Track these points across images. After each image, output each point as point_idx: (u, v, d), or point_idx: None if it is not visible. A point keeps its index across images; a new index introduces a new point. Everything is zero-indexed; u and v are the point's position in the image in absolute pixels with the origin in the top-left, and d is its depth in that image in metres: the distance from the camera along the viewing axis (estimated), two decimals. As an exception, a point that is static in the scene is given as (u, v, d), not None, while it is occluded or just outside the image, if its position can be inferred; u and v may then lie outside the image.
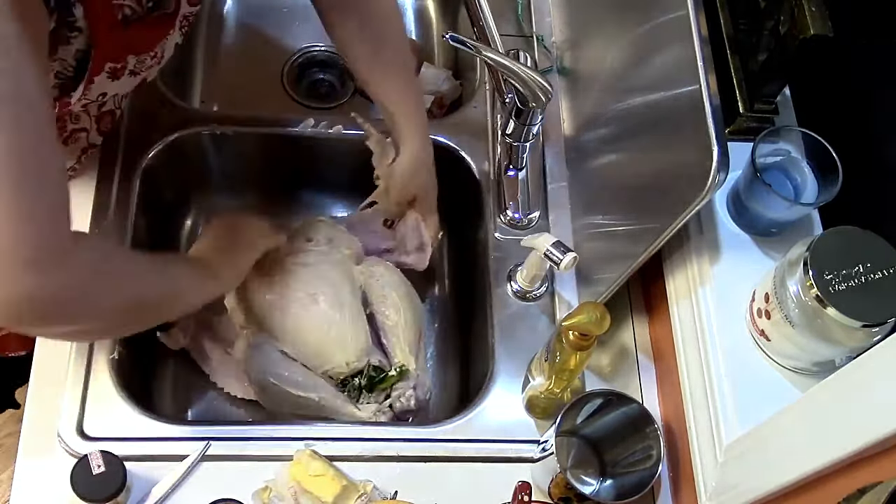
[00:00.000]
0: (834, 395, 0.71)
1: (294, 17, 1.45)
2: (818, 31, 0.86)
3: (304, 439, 1.00)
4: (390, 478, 0.99)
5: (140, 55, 0.90)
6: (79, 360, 1.01)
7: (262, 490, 0.96)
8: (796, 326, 0.84)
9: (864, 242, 0.83)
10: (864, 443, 0.65)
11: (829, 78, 1.04)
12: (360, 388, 1.10)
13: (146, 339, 1.14)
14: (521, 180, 1.19)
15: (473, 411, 1.04)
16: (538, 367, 1.00)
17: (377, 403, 1.09)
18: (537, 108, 1.10)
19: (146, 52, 0.91)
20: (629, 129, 1.03)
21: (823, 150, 0.92)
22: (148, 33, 0.90)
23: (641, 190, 0.99)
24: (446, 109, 1.38)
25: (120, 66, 0.88)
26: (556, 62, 1.29)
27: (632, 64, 1.03)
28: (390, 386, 1.10)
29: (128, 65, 0.90)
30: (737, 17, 1.03)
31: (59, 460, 0.95)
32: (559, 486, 0.96)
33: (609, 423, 1.01)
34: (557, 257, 1.00)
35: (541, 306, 1.12)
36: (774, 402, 0.81)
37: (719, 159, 0.80)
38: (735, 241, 0.97)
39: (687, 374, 0.98)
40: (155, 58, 0.94)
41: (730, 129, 1.00)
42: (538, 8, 1.34)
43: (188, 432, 1.00)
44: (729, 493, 0.87)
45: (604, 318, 0.89)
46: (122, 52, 0.87)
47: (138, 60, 0.91)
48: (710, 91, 0.83)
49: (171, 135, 1.17)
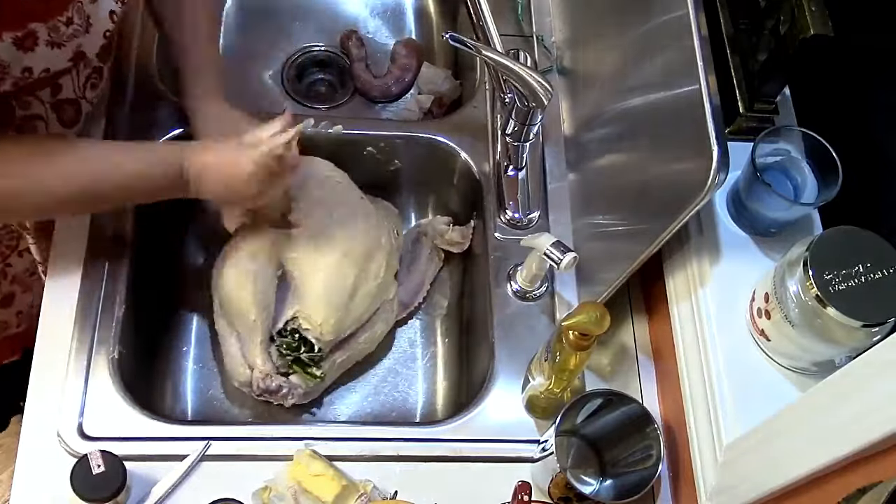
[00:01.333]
0: (834, 395, 0.71)
1: (294, 17, 1.45)
2: (818, 31, 0.86)
3: (304, 439, 1.00)
4: (390, 478, 0.99)
5: (47, 21, 0.87)
6: (79, 360, 1.01)
7: (262, 490, 0.96)
8: (796, 326, 0.84)
9: (864, 242, 0.83)
10: (864, 443, 0.65)
11: (829, 78, 1.04)
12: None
13: (146, 339, 1.14)
14: (521, 180, 1.19)
15: (473, 411, 1.04)
16: (538, 366, 1.00)
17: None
18: (537, 108, 1.10)
19: (51, 17, 0.88)
20: (629, 129, 1.03)
21: (823, 150, 0.92)
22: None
23: (641, 190, 0.99)
24: (446, 109, 1.38)
25: (23, 35, 0.85)
26: (556, 62, 1.29)
27: (632, 64, 1.03)
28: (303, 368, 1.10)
29: (38, 34, 0.87)
30: (737, 17, 1.03)
31: (59, 460, 0.95)
32: (559, 486, 0.96)
33: (609, 423, 1.01)
34: (557, 257, 1.00)
35: (541, 306, 1.12)
36: (774, 402, 0.81)
37: (719, 159, 0.80)
38: (735, 241, 0.97)
39: (687, 373, 0.98)
40: (72, 24, 0.90)
41: (730, 129, 1.00)
42: (538, 8, 1.34)
43: (188, 432, 1.00)
44: (729, 493, 0.87)
45: (604, 318, 0.89)
46: (20, 19, 0.85)
47: (50, 28, 0.88)
48: (710, 91, 0.83)
49: (171, 133, 1.17)
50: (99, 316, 1.04)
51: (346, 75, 1.41)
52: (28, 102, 0.96)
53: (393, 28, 1.48)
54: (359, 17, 1.47)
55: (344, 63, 1.41)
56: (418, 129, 1.26)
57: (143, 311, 1.13)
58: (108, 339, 1.02)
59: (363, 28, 1.46)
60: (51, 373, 1.00)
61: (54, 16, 0.88)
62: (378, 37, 1.47)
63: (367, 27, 1.47)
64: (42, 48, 0.88)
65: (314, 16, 1.46)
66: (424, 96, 1.37)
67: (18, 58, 0.87)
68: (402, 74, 1.38)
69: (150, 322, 1.17)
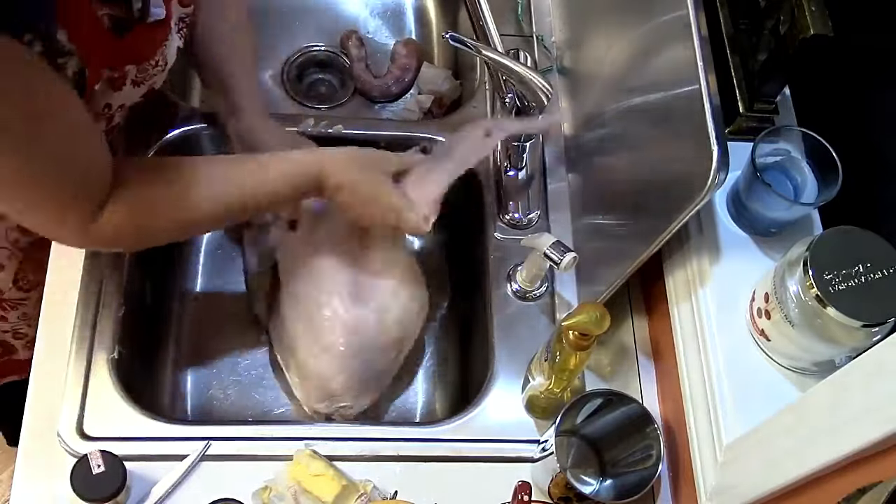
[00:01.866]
0: (834, 395, 0.71)
1: (294, 17, 1.45)
2: (818, 31, 0.86)
3: (304, 439, 1.00)
4: (390, 478, 0.99)
5: (140, 64, 0.90)
6: (79, 360, 1.01)
7: (262, 490, 0.96)
8: (796, 326, 0.84)
9: (864, 242, 0.83)
10: (864, 443, 0.65)
11: (829, 78, 1.04)
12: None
13: (146, 339, 1.14)
14: (521, 180, 1.19)
15: (473, 411, 1.04)
16: (538, 366, 1.00)
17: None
18: (537, 108, 1.10)
19: (146, 60, 0.91)
20: (629, 129, 1.03)
21: (823, 150, 0.92)
22: (144, 41, 0.90)
23: (641, 190, 0.99)
24: (446, 109, 1.38)
25: (119, 76, 0.88)
26: (556, 62, 1.29)
27: (632, 64, 1.03)
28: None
29: (128, 74, 0.89)
30: (737, 16, 1.03)
31: (59, 460, 0.95)
32: (559, 486, 0.96)
33: (609, 422, 1.01)
34: (557, 257, 1.00)
35: (541, 306, 1.12)
36: (774, 402, 0.81)
37: (719, 159, 0.80)
38: (735, 241, 0.97)
39: (687, 373, 0.98)
40: (157, 66, 0.93)
41: (730, 129, 1.00)
42: (538, 8, 1.34)
43: (188, 432, 1.00)
44: (729, 493, 0.87)
45: (604, 318, 0.89)
46: (120, 61, 0.87)
47: (139, 69, 0.91)
48: (710, 91, 0.83)
49: (170, 134, 1.17)
50: (99, 316, 1.04)
51: (346, 75, 1.41)
52: None
53: (393, 28, 1.48)
54: (359, 17, 1.47)
55: (344, 63, 1.41)
56: (418, 129, 1.26)
57: (143, 311, 1.13)
58: (107, 339, 1.03)
59: (363, 28, 1.46)
60: (51, 373, 1.00)
61: (148, 59, 0.91)
62: (378, 37, 1.47)
63: (367, 27, 1.47)
64: (128, 87, 0.90)
65: (314, 16, 1.46)
66: (424, 96, 1.37)
67: (107, 94, 0.88)
68: (402, 74, 1.38)
69: (151, 322, 1.17)
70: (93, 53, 0.81)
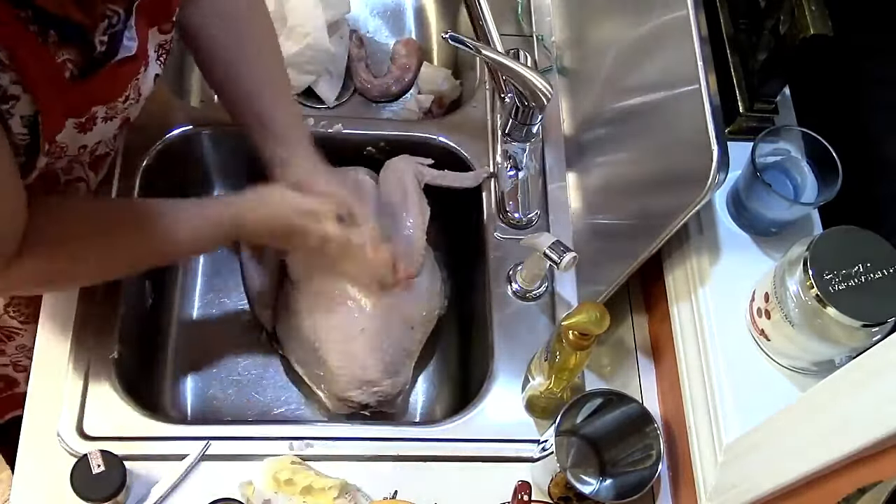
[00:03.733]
0: (834, 395, 0.71)
1: (294, 17, 1.45)
2: (818, 30, 0.86)
3: (303, 439, 1.00)
4: (390, 478, 0.99)
5: (108, 103, 0.85)
6: (79, 360, 1.01)
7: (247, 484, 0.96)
8: (796, 326, 0.84)
9: (864, 242, 0.83)
10: (864, 443, 0.65)
11: (829, 78, 1.04)
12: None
13: (146, 340, 1.14)
14: (521, 180, 1.19)
15: (473, 411, 1.04)
16: (538, 366, 1.00)
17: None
18: (537, 108, 1.10)
19: (114, 99, 0.85)
20: (629, 129, 1.03)
21: (823, 149, 0.92)
22: (112, 80, 0.84)
23: (641, 190, 0.99)
24: (446, 109, 1.38)
25: (86, 119, 0.83)
26: (556, 62, 1.29)
27: (632, 64, 1.03)
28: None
29: (97, 114, 0.84)
30: (737, 16, 1.03)
31: (59, 460, 0.95)
32: (559, 486, 0.96)
33: (609, 422, 1.01)
34: (557, 257, 1.00)
35: (541, 306, 1.12)
36: (774, 402, 0.81)
37: (719, 159, 0.80)
38: (735, 241, 0.97)
39: (687, 373, 0.98)
40: (128, 100, 0.88)
41: (730, 128, 1.00)
42: (538, 8, 1.34)
43: (188, 432, 1.00)
44: (729, 493, 0.87)
45: (604, 317, 0.89)
46: (86, 106, 0.82)
47: (108, 107, 0.85)
48: (710, 91, 0.83)
49: (170, 134, 1.17)
50: (99, 316, 1.03)
51: (345, 75, 1.41)
52: (71, 168, 0.95)
53: (393, 28, 1.48)
54: (359, 17, 1.47)
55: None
56: (418, 129, 1.25)
57: (144, 311, 1.13)
58: (108, 339, 1.02)
59: (363, 28, 1.46)
60: (51, 373, 1.00)
61: (116, 97, 0.86)
62: (378, 37, 1.47)
63: (367, 27, 1.47)
64: (99, 125, 0.86)
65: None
66: (424, 96, 1.37)
67: (78, 139, 0.85)
68: (402, 74, 1.38)
69: (151, 322, 1.17)
70: (53, 102, 0.76)
